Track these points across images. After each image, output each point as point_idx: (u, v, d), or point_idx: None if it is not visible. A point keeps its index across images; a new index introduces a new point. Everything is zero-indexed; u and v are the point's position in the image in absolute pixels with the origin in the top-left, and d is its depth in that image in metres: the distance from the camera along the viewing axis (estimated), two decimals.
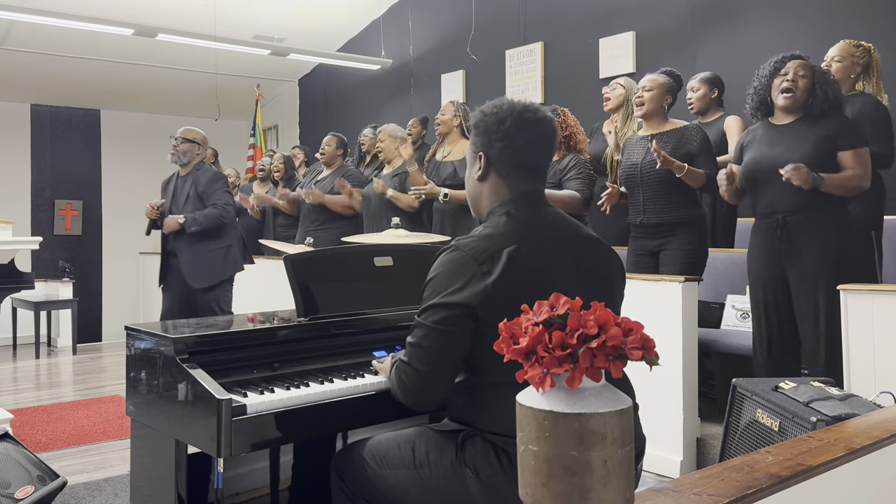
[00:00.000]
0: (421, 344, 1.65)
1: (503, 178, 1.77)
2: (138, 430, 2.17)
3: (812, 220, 3.05)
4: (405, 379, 1.69)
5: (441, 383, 1.69)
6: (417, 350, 1.66)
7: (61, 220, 9.41)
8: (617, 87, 4.59)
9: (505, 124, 1.74)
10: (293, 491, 2.51)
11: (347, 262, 2.37)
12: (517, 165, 1.76)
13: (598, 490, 1.01)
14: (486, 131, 1.77)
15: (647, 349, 1.09)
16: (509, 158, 1.76)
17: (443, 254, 1.70)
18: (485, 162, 1.77)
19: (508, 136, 1.74)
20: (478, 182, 1.80)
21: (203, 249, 4.57)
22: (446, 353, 1.64)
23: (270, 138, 10.10)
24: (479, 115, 1.80)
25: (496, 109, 1.77)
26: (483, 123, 1.77)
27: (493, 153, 1.76)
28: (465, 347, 1.64)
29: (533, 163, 1.79)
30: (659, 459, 3.33)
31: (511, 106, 1.77)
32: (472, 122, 1.82)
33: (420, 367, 1.66)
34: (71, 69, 8.33)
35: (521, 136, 1.74)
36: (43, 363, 6.94)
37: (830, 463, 1.44)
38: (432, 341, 1.63)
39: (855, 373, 2.79)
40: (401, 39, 8.09)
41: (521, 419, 1.07)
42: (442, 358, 1.65)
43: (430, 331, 1.64)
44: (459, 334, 1.62)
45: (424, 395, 1.70)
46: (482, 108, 1.81)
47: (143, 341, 2.05)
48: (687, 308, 3.32)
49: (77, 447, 4.01)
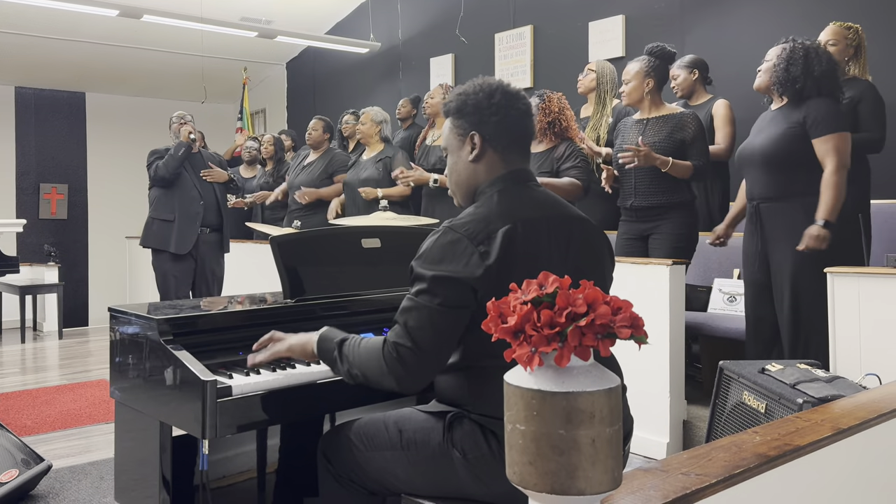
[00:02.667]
0: (420, 322, 1.59)
1: (500, 153, 1.74)
2: (123, 412, 2.15)
3: (783, 206, 3.08)
4: (406, 360, 1.59)
5: (441, 363, 1.65)
6: (418, 330, 1.59)
7: (46, 203, 9.33)
8: (588, 72, 4.57)
9: (495, 98, 1.73)
10: (280, 473, 2.50)
11: (335, 243, 2.35)
12: (512, 140, 1.75)
13: (585, 469, 1.00)
14: (475, 109, 1.74)
15: (636, 328, 1.08)
16: (506, 131, 1.74)
17: (435, 236, 1.65)
18: (479, 140, 1.74)
19: (502, 110, 1.73)
20: (470, 164, 1.76)
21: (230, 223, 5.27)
22: (449, 330, 1.60)
23: (258, 122, 10.03)
24: (462, 97, 1.76)
25: (480, 87, 1.75)
26: (471, 102, 1.74)
27: (488, 129, 1.73)
28: (464, 325, 1.61)
29: (524, 137, 1.78)
30: (646, 441, 3.34)
31: (493, 81, 1.76)
32: (455, 106, 1.77)
33: (421, 346, 1.59)
34: (56, 51, 8.22)
35: (513, 108, 1.74)
36: (29, 347, 6.89)
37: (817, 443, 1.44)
38: (434, 318, 1.58)
39: (841, 355, 2.81)
40: (390, 22, 8.03)
41: (509, 398, 1.06)
42: (444, 336, 1.60)
43: (431, 309, 1.58)
44: (461, 312, 1.59)
45: (424, 376, 1.64)
46: (460, 91, 1.78)
47: (127, 323, 2.03)
48: (674, 291, 3.32)
49: (63, 431, 3.99)
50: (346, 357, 1.72)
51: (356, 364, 1.69)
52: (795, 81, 3.04)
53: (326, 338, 1.79)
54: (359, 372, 1.69)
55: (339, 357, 1.74)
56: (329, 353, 1.77)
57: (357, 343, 1.72)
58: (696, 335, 3.82)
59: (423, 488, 1.71)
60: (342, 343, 1.75)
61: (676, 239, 3.60)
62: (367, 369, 1.67)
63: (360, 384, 1.71)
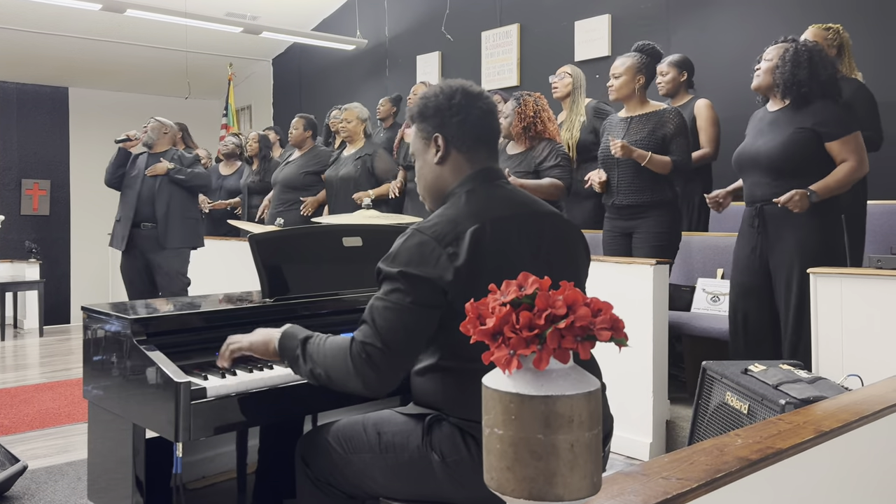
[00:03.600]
0: (388, 322, 1.56)
1: (464, 153, 1.74)
2: (96, 413, 2.11)
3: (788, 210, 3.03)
4: (375, 360, 1.55)
5: (409, 366, 1.63)
6: (388, 330, 1.56)
7: (28, 199, 9.23)
8: (564, 75, 4.57)
9: (455, 99, 1.73)
10: (260, 474, 2.47)
11: (315, 242, 2.32)
12: (476, 138, 1.74)
13: (564, 474, 0.98)
14: (436, 112, 1.74)
15: (615, 330, 1.06)
16: (469, 131, 1.73)
17: (402, 238, 1.62)
18: (443, 142, 1.73)
19: (463, 110, 1.73)
20: (436, 166, 1.75)
21: (181, 213, 4.85)
22: (418, 330, 1.57)
23: (244, 118, 9.95)
24: (423, 101, 1.77)
25: (440, 90, 1.76)
26: (431, 105, 1.75)
27: (450, 131, 1.73)
28: (434, 326, 1.59)
29: (489, 135, 1.78)
30: (628, 441, 3.33)
31: (454, 83, 1.77)
32: (417, 111, 1.78)
33: (391, 346, 1.55)
34: (38, 45, 8.12)
35: (474, 108, 1.74)
36: (9, 345, 6.81)
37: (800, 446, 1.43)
38: (402, 318, 1.55)
39: (823, 356, 2.80)
40: (376, 19, 7.99)
41: (487, 402, 1.04)
42: (413, 336, 1.58)
43: (399, 307, 1.56)
44: (430, 311, 1.57)
45: (392, 379, 1.60)
46: (422, 95, 1.79)
47: (101, 322, 1.99)
48: (658, 291, 3.31)
49: (41, 430, 3.94)
50: (310, 356, 1.67)
51: (320, 363, 1.64)
52: (801, 84, 3.01)
53: (289, 335, 1.74)
54: (322, 372, 1.63)
55: (301, 355, 1.68)
56: (291, 350, 1.71)
57: (322, 341, 1.67)
58: (679, 335, 3.82)
59: (402, 492, 1.68)
60: (306, 341, 1.70)
61: (658, 237, 3.60)
62: (331, 369, 1.62)
63: (323, 385, 1.66)
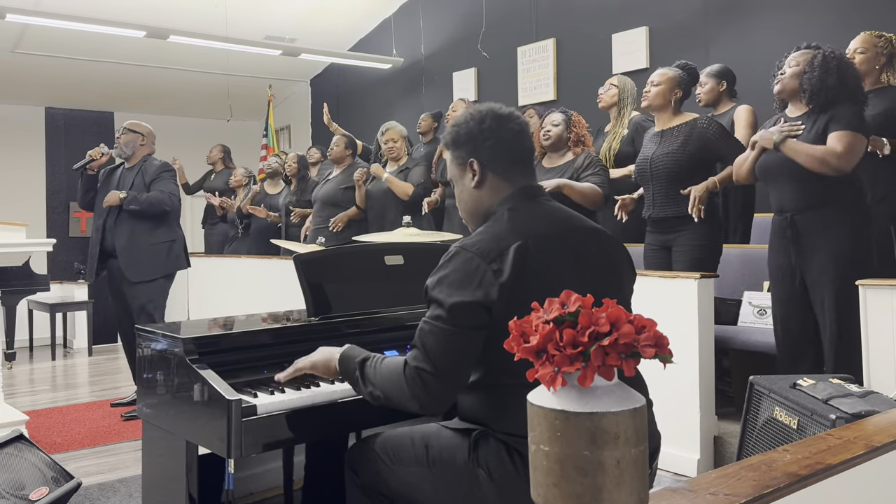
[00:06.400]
0: (439, 346, 1.59)
1: (500, 175, 1.76)
2: (150, 431, 2.16)
3: (820, 217, 2.99)
4: (428, 384, 1.59)
5: (462, 384, 1.65)
6: (437, 354, 1.59)
7: (76, 222, 9.45)
8: (610, 87, 4.57)
9: (485, 123, 1.76)
10: (306, 491, 2.50)
11: (358, 261, 2.36)
12: (511, 160, 1.77)
13: (610, 490, 0.99)
14: (468, 138, 1.77)
15: (660, 347, 1.06)
16: (502, 154, 1.76)
17: (447, 257, 1.66)
18: (478, 166, 1.76)
19: (494, 133, 1.76)
20: (475, 191, 1.78)
21: (146, 241, 4.45)
22: (468, 353, 1.61)
23: (283, 138, 10.11)
24: (454, 129, 1.81)
25: (471, 115, 1.79)
26: (463, 132, 1.78)
27: (484, 154, 1.76)
28: (481, 345, 1.62)
29: (523, 155, 1.80)
30: (676, 458, 3.29)
31: (482, 108, 1.80)
32: (450, 139, 1.82)
33: (442, 370, 1.59)
34: (84, 72, 8.37)
35: (505, 129, 1.76)
36: (59, 365, 6.98)
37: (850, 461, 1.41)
38: (451, 342, 1.58)
39: (874, 369, 2.75)
40: (412, 38, 8.07)
41: (533, 419, 1.05)
42: (463, 358, 1.61)
43: (448, 332, 1.58)
44: (478, 333, 1.59)
45: (447, 399, 1.64)
46: (453, 122, 1.83)
47: (154, 342, 2.05)
48: (703, 305, 3.28)
49: (92, 448, 4.03)
50: (369, 379, 1.72)
51: (379, 386, 1.69)
52: (829, 91, 2.98)
53: (348, 357, 1.79)
54: (381, 394, 1.69)
55: (360, 378, 1.74)
56: (351, 372, 1.77)
57: (378, 363, 1.72)
58: (726, 349, 3.76)
59: None
60: (363, 364, 1.75)
61: (696, 250, 3.55)
62: (390, 392, 1.67)
63: (383, 405, 1.70)
